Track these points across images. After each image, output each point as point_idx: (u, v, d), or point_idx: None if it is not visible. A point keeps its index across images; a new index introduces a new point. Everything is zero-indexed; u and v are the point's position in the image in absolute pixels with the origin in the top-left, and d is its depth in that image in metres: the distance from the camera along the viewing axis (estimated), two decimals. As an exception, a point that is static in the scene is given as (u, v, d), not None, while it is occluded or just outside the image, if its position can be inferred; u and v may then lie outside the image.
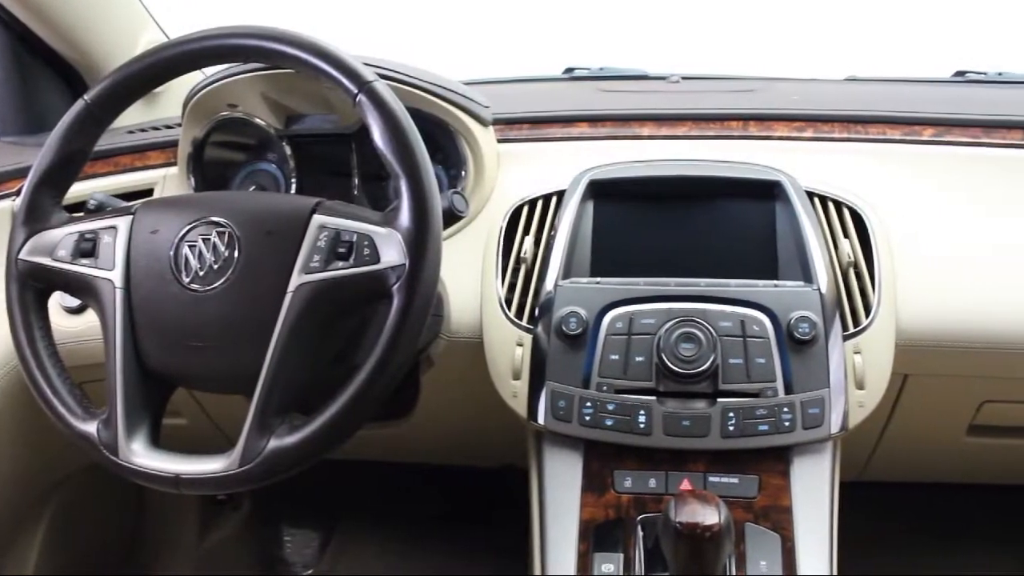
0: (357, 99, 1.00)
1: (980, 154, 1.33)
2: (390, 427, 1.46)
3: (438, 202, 0.99)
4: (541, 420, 1.14)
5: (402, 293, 0.95)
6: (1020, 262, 1.23)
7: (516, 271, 1.22)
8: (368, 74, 1.01)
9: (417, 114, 1.22)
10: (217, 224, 1.02)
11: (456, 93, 1.30)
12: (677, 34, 2.33)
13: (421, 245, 0.96)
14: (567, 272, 1.19)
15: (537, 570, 1.13)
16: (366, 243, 0.98)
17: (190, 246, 1.02)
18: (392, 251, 0.96)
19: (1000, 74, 1.76)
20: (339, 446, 0.98)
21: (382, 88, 1.01)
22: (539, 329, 1.17)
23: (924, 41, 2.27)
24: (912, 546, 1.86)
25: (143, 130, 1.58)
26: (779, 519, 1.10)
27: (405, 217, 0.97)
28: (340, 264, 0.98)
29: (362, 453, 1.70)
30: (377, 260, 0.97)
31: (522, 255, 1.22)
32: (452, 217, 1.11)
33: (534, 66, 2.00)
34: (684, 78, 1.72)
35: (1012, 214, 1.26)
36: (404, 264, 0.95)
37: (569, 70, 1.84)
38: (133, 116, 1.62)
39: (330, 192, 1.21)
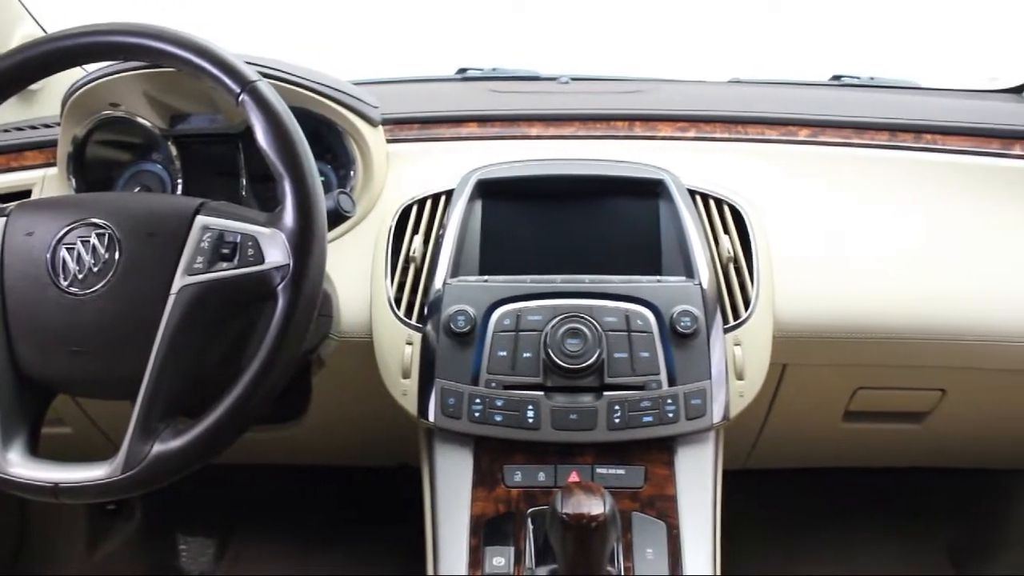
0: (239, 99, 1.00)
1: (851, 154, 1.39)
2: (282, 430, 1.45)
3: (322, 202, 1.00)
4: (431, 418, 1.15)
5: (287, 293, 0.96)
6: (887, 256, 1.29)
7: (405, 270, 1.23)
8: (251, 73, 1.01)
9: (305, 114, 1.23)
10: (96, 226, 1.01)
11: (344, 93, 1.30)
12: (571, 36, 2.36)
13: (305, 245, 0.96)
14: (456, 271, 1.20)
15: (430, 567, 1.14)
16: (250, 244, 0.98)
17: (68, 248, 1.00)
18: (276, 251, 0.97)
19: (872, 79, 1.85)
20: (225, 449, 0.97)
21: (265, 88, 1.01)
22: (428, 327, 1.17)
23: (806, 46, 2.36)
24: (797, 529, 1.93)
25: (20, 129, 1.52)
26: (664, 508, 1.13)
27: (289, 217, 0.97)
28: (224, 265, 0.98)
29: (256, 456, 1.68)
30: (261, 260, 0.97)
31: (411, 254, 1.23)
32: (339, 217, 1.11)
33: (431, 67, 2.01)
34: (574, 79, 1.75)
35: (879, 210, 1.33)
36: (288, 264, 0.96)
37: (462, 70, 1.86)
38: (9, 114, 1.57)
39: (218, 193, 1.20)
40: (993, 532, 1.91)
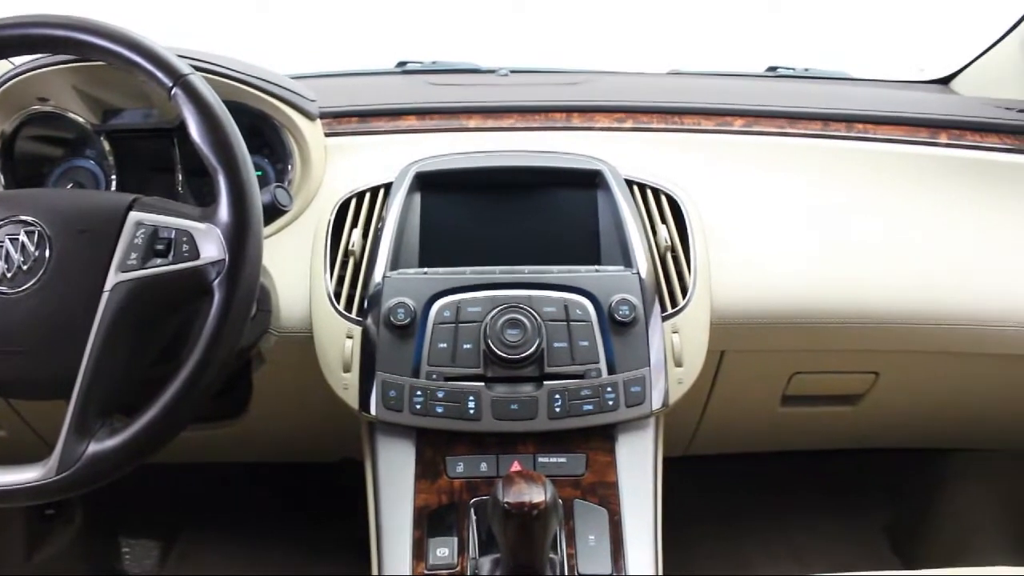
0: (172, 93, 0.99)
1: (785, 143, 1.42)
2: (225, 427, 1.43)
3: (257, 196, 0.99)
4: (373, 411, 1.15)
5: (223, 288, 0.95)
6: (821, 243, 1.32)
7: (345, 264, 1.23)
8: (183, 67, 1.00)
9: (240, 108, 1.22)
10: (25, 223, 0.99)
11: (279, 86, 1.29)
12: (511, 29, 2.37)
13: (241, 239, 0.96)
14: (395, 263, 1.20)
15: (375, 560, 1.14)
16: (185, 239, 0.97)
17: None
18: (211, 246, 0.96)
19: (807, 70, 1.89)
20: (163, 447, 0.96)
21: (198, 81, 1.00)
22: (368, 321, 1.17)
23: (744, 37, 2.40)
24: (739, 512, 1.97)
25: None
26: (606, 494, 1.14)
27: (224, 212, 0.96)
28: (159, 261, 0.97)
29: (200, 455, 1.67)
30: (196, 256, 0.96)
31: (350, 248, 1.22)
32: (276, 211, 1.11)
33: (371, 60, 2.00)
34: (513, 71, 1.75)
35: (813, 198, 1.36)
36: (224, 259, 0.95)
37: (402, 64, 1.85)
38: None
39: (154, 188, 1.19)
40: (926, 511, 1.96)
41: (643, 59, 2.06)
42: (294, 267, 1.25)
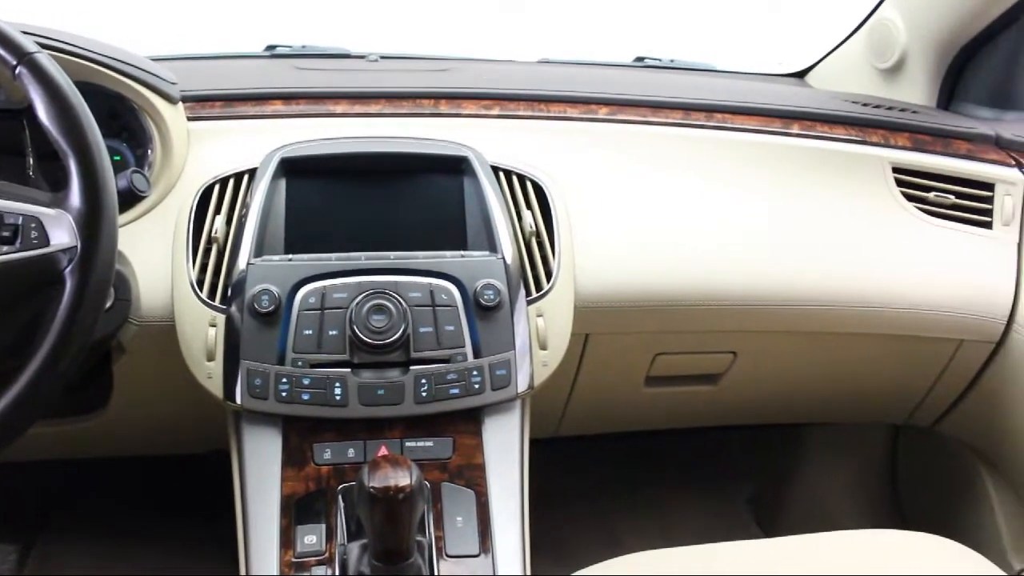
0: (16, 72, 0.96)
1: (648, 131, 1.46)
2: (85, 421, 1.38)
3: (112, 181, 0.96)
4: (238, 399, 1.13)
5: (75, 276, 0.92)
6: (681, 228, 1.37)
7: (208, 251, 1.20)
8: (28, 45, 0.97)
9: (96, 90, 1.18)
10: None
11: (137, 68, 1.25)
12: (384, 14, 2.36)
13: (94, 226, 0.93)
14: (259, 250, 1.19)
15: (241, 550, 1.13)
16: (33, 225, 0.94)
17: None
18: (62, 233, 0.93)
19: (672, 61, 1.95)
20: (8, 445, 0.93)
21: (44, 60, 0.96)
22: (232, 308, 1.16)
23: (614, 28, 2.45)
24: (611, 491, 2.03)
25: None
26: (473, 476, 1.15)
27: (75, 197, 0.94)
28: (4, 249, 0.93)
29: (60, 451, 1.61)
30: (46, 243, 0.93)
31: (213, 235, 1.20)
32: (133, 197, 1.08)
33: (240, 43, 1.95)
34: (383, 57, 1.75)
35: (673, 185, 1.41)
36: (76, 246, 0.93)
37: (271, 47, 1.82)
38: None
39: (2, 173, 1.13)
40: (783, 483, 2.06)
41: (514, 47, 2.08)
42: (155, 255, 1.22)
